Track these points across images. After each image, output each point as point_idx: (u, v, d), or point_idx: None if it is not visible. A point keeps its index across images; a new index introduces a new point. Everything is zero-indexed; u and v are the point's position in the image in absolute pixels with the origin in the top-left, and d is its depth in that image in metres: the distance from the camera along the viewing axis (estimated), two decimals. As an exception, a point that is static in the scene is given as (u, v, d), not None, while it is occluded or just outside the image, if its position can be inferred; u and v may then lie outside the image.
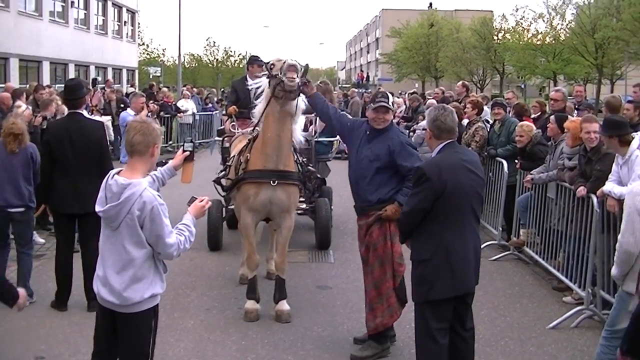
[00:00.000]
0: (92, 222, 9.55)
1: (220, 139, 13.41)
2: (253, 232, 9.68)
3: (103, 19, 53.60)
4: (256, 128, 9.71)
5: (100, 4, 52.98)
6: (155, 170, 6.28)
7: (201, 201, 5.99)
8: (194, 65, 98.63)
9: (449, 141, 6.75)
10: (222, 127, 14.13)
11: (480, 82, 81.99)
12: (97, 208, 5.61)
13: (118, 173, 5.65)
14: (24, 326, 8.96)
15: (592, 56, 59.01)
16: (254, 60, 13.69)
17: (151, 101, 21.66)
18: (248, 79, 13.37)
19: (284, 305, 9.54)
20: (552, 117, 12.09)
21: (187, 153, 6.46)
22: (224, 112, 31.17)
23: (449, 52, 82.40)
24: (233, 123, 12.37)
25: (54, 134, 9.83)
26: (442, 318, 6.72)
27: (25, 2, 39.11)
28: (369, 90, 63.07)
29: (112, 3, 55.38)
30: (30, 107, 13.24)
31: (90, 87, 17.85)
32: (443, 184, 6.45)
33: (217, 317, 9.56)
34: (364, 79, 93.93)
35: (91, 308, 9.31)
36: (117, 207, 5.46)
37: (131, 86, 45.71)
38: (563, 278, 10.65)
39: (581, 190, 9.98)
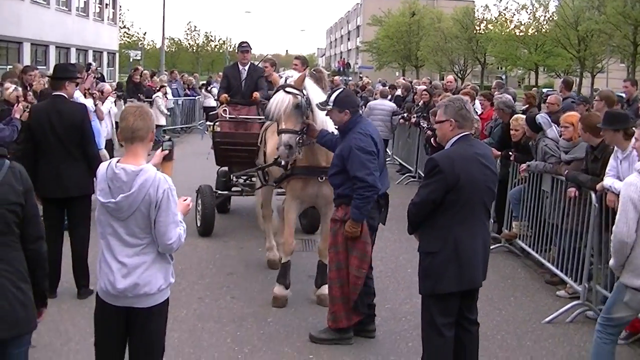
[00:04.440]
0: (79, 208, 9.50)
1: (211, 123, 13.29)
2: (295, 217, 9.78)
3: (85, 1, 53.10)
4: None
5: (82, -15, 52.49)
6: None
7: (184, 200, 5.84)
8: (174, 49, 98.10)
9: (465, 133, 6.59)
10: (215, 112, 14.10)
11: (461, 72, 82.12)
12: (103, 200, 5.33)
13: (118, 162, 5.41)
14: (12, 313, 8.76)
15: (574, 49, 59.15)
16: (243, 48, 13.73)
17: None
18: (239, 65, 13.47)
19: (326, 290, 9.50)
20: (524, 119, 12.09)
21: (167, 152, 6.27)
22: (208, 95, 31.26)
23: (430, 41, 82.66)
24: (225, 109, 12.55)
25: (35, 117, 9.64)
26: (449, 312, 6.63)
27: (7, -17, 38.62)
28: (350, 78, 63.01)
29: (94, -15, 54.86)
30: (20, 89, 12.96)
31: (86, 72, 17.54)
32: (456, 177, 6.31)
33: (210, 307, 9.42)
34: (345, 67, 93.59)
35: (82, 295, 9.22)
36: (131, 196, 5.24)
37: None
38: (558, 272, 10.55)
39: (572, 192, 9.99)
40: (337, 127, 8.41)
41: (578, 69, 62.52)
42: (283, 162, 9.12)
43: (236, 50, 14.69)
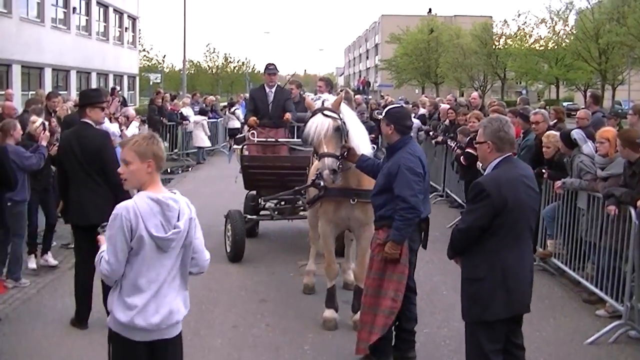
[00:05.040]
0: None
1: (239, 147, 13.15)
2: (332, 241, 9.67)
3: (104, 25, 53.37)
4: None
5: (101, 10, 52.71)
6: None
7: None
8: (192, 71, 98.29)
9: (507, 155, 6.40)
10: (241, 134, 13.99)
11: (481, 87, 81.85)
12: (162, 234, 5.09)
13: (149, 192, 5.22)
14: (45, 346, 8.67)
15: (595, 61, 58.87)
16: (270, 70, 13.65)
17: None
18: (266, 87, 13.42)
19: None
20: (555, 136, 11.89)
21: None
22: (232, 117, 31.23)
23: (449, 57, 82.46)
24: (252, 132, 12.61)
25: (61, 145, 9.75)
26: (497, 339, 6.38)
27: (28, 9, 38.85)
28: (370, 97, 62.91)
29: (114, 9, 55.05)
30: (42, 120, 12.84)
31: (110, 97, 17.52)
32: (503, 201, 6.10)
33: (245, 335, 9.24)
34: (365, 85, 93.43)
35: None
36: (188, 220, 5.23)
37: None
38: (597, 291, 10.32)
39: (612, 209, 9.71)
40: (387, 145, 8.29)
41: (599, 82, 62.16)
42: (322, 184, 8.98)
43: (263, 72, 14.66)
